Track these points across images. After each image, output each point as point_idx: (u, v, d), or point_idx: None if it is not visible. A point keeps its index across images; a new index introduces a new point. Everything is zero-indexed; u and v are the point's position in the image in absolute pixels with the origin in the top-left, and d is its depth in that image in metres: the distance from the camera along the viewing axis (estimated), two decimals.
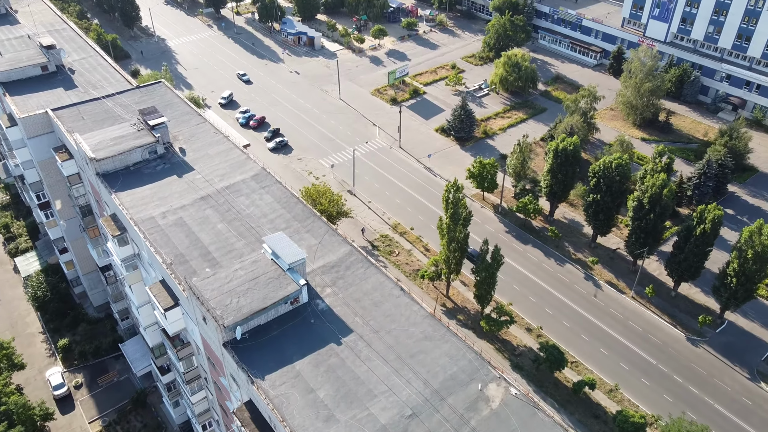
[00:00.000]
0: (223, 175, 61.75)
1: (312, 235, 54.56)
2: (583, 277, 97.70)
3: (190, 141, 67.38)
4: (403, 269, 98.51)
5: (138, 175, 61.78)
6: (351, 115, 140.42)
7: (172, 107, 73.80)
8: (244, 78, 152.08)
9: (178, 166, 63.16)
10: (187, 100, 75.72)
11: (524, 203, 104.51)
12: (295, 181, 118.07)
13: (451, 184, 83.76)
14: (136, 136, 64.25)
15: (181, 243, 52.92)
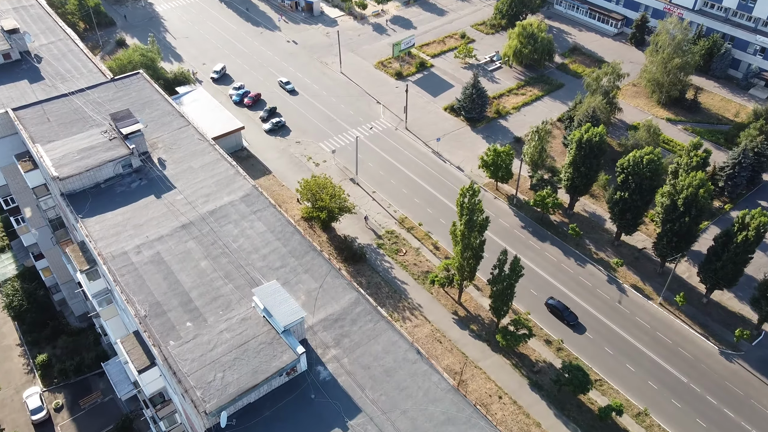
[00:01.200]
0: (208, 195, 53.29)
1: (311, 277, 46.55)
2: (606, 280, 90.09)
3: (171, 150, 58.61)
4: (411, 271, 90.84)
5: (110, 194, 53.35)
6: (353, 92, 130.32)
7: (151, 106, 64.67)
8: (288, 87, 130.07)
9: (157, 183, 54.63)
10: (168, 97, 66.41)
11: (542, 197, 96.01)
12: (293, 168, 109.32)
13: (466, 187, 75.19)
14: (107, 147, 55.48)
15: (159, 287, 44.97)
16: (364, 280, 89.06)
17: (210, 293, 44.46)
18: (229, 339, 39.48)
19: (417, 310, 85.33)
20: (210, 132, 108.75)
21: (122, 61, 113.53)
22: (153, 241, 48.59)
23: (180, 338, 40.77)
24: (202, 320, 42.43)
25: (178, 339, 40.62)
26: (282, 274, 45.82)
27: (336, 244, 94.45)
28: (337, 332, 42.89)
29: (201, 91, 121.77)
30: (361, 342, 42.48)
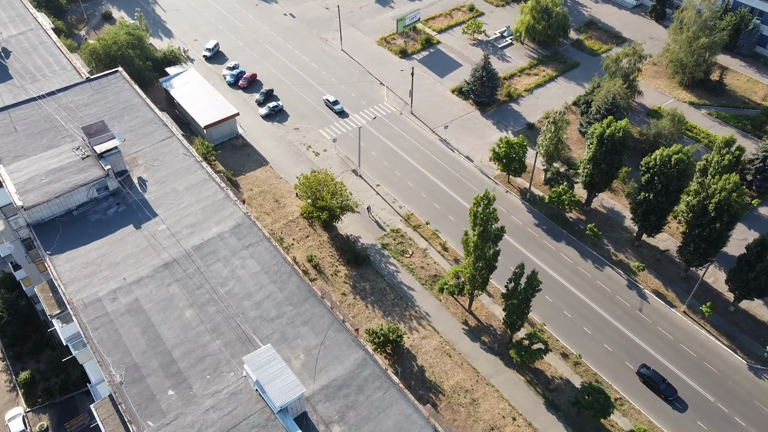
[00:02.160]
0: (194, 225, 47.13)
1: (311, 330, 40.81)
2: (626, 284, 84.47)
3: (153, 167, 52.15)
4: (418, 274, 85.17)
5: (83, 223, 47.22)
6: (354, 71, 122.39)
7: (131, 112, 57.84)
8: (336, 108, 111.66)
9: (136, 209, 48.31)
10: (149, 101, 59.43)
11: (558, 193, 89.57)
12: (292, 158, 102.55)
13: (481, 196, 68.76)
14: (79, 168, 49.08)
15: (137, 344, 39.29)
16: (367, 286, 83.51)
17: (195, 352, 38.83)
18: (216, 420, 34.03)
19: (425, 319, 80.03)
20: (203, 119, 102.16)
21: (107, 42, 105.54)
22: (131, 284, 42.69)
23: (160, 413, 35.26)
24: (187, 387, 36.90)
25: (157, 415, 35.14)
26: (278, 327, 40.08)
27: (338, 245, 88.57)
28: (341, 403, 37.40)
29: (192, 73, 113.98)
30: (369, 416, 37.01)
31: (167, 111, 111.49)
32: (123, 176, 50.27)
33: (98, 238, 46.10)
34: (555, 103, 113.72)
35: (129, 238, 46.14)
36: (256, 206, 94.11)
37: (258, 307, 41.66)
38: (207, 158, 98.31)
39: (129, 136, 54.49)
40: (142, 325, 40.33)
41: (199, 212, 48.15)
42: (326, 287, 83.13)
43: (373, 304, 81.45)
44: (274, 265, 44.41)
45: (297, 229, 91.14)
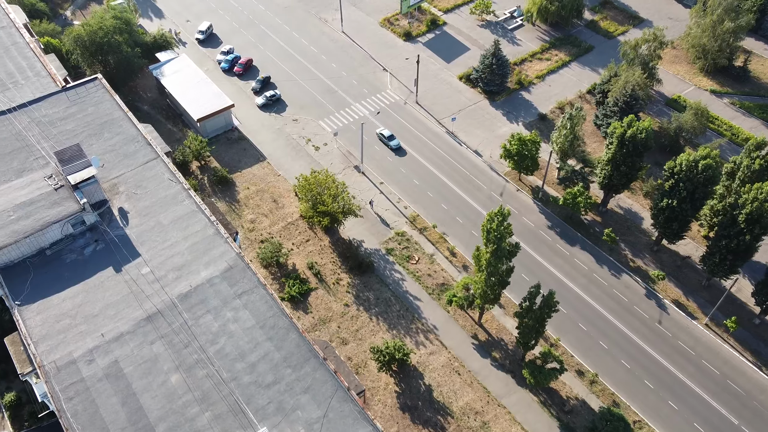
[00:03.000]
0: (181, 267, 42.25)
1: (313, 398, 36.34)
2: (645, 294, 79.95)
3: (135, 195, 47.01)
4: (425, 283, 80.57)
5: (57, 265, 42.37)
6: (356, 56, 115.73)
7: (112, 127, 52.35)
8: (392, 143, 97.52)
9: (116, 248, 43.33)
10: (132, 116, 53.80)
11: (573, 195, 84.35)
12: (290, 153, 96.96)
13: (495, 212, 63.61)
14: (52, 201, 43.93)
15: (116, 419, 34.86)
16: (371, 296, 79.02)
17: (182, 427, 34.33)
18: None
19: (432, 333, 75.76)
20: (196, 112, 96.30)
21: (92, 27, 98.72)
22: (110, 341, 38.05)
23: None
24: None
25: None
26: (275, 395, 35.56)
27: (340, 250, 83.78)
28: None
29: (184, 60, 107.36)
30: None
31: (158, 100, 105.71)
32: (102, 208, 45.09)
33: (74, 283, 41.26)
34: (568, 92, 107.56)
35: (108, 284, 41.29)
36: (253, 207, 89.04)
37: (252, 370, 37.08)
38: (201, 154, 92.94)
39: (109, 157, 49.14)
40: (122, 394, 35.83)
41: (186, 251, 43.19)
42: (328, 297, 78.67)
43: (378, 316, 77.10)
44: (270, 318, 39.67)
45: (297, 233, 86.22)
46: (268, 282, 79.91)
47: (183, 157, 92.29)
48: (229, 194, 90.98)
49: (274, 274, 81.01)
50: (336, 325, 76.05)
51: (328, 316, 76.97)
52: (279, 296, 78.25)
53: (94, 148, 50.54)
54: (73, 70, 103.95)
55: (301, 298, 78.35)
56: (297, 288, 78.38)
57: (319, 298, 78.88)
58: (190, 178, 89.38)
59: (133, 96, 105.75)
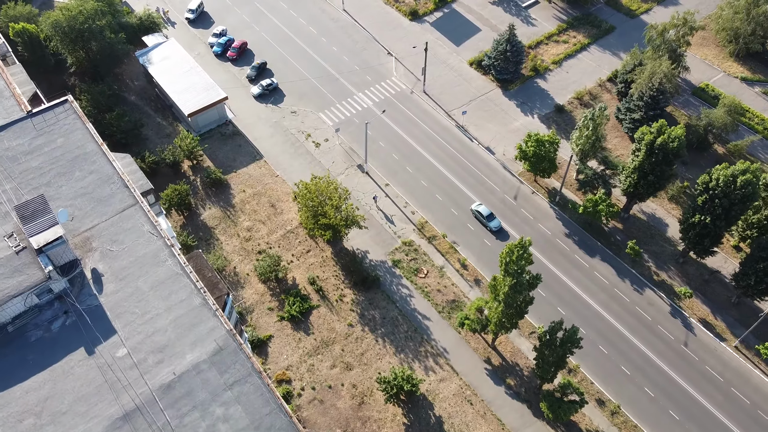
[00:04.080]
0: (163, 348, 36.72)
1: None
2: (669, 311, 74.76)
3: (111, 253, 41.11)
4: (434, 299, 75.30)
5: (20, 345, 36.86)
6: (358, 38, 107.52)
7: (84, 163, 46.04)
8: (493, 225, 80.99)
9: (88, 322, 37.69)
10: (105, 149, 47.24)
11: (594, 202, 78.15)
12: (289, 150, 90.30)
13: (515, 244, 57.61)
14: (12, 269, 38.13)
15: None
16: (377, 314, 73.89)
17: None
18: None
19: (442, 356, 70.92)
20: (186, 106, 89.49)
21: (71, 12, 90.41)
22: None
23: None
24: None
25: None
26: None
27: (343, 263, 78.18)
28: None
29: (173, 45, 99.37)
30: None
31: (146, 89, 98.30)
32: (72, 272, 39.17)
33: (40, 368, 35.76)
34: (587, 79, 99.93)
35: (79, 370, 35.80)
36: (249, 213, 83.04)
37: None
38: (193, 152, 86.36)
39: (81, 203, 42.92)
40: None
41: (169, 327, 37.53)
42: (331, 316, 73.53)
43: (384, 337, 72.12)
44: (267, 416, 34.26)
45: (296, 242, 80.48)
46: (267, 298, 74.81)
47: (174, 157, 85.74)
48: (224, 198, 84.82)
49: (273, 290, 75.74)
50: (339, 348, 71.18)
51: (331, 338, 72.01)
52: (278, 315, 73.30)
53: (63, 191, 44.26)
54: (53, 57, 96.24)
55: (302, 317, 73.24)
56: (298, 306, 73.22)
57: (321, 317, 73.78)
58: (182, 182, 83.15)
59: (119, 84, 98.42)
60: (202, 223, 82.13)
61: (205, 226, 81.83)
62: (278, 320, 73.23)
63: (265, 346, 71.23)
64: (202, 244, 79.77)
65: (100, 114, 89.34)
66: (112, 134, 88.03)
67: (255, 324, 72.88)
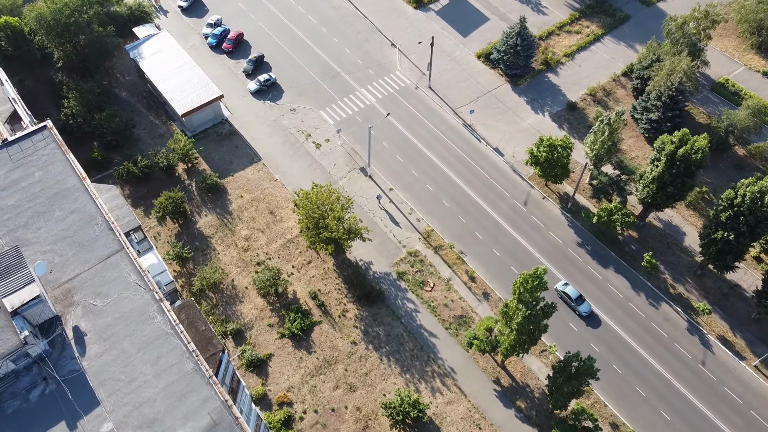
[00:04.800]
0: (152, 423, 33.60)
1: None
2: (686, 327, 71.70)
3: (94, 308, 37.57)
4: (441, 315, 72.18)
5: None
6: (361, 28, 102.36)
7: (65, 201, 42.22)
8: (583, 309, 71.41)
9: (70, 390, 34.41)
10: (88, 184, 43.33)
11: (608, 211, 74.42)
12: (288, 151, 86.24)
13: (530, 273, 54.04)
14: None
15: None
16: (382, 331, 70.84)
17: None
18: None
19: (449, 377, 68.07)
20: (180, 105, 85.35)
21: (56, 5, 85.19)
22: None
23: None
24: None
25: None
26: None
27: (345, 275, 74.86)
28: None
29: (165, 37, 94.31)
30: None
31: (138, 84, 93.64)
32: (52, 333, 35.73)
33: None
34: (601, 74, 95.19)
35: None
36: (247, 220, 79.36)
37: None
38: (188, 155, 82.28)
39: (61, 248, 39.27)
40: None
41: (159, 397, 34.25)
42: (333, 333, 70.50)
43: (389, 356, 69.19)
44: None
45: (297, 252, 77.02)
46: (266, 314, 71.71)
47: (167, 161, 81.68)
48: (221, 204, 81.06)
49: (273, 304, 72.58)
50: (343, 368, 68.30)
51: (334, 357, 69.09)
52: (278, 332, 70.29)
53: (42, 233, 40.55)
54: (39, 51, 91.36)
55: (304, 334, 70.20)
56: (299, 323, 70.14)
57: (323, 333, 70.75)
58: (175, 188, 79.26)
59: (109, 79, 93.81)
60: (198, 231, 78.51)
61: (201, 234, 78.23)
62: (278, 337, 70.22)
63: (265, 366, 68.35)
64: (199, 254, 76.32)
65: (90, 114, 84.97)
66: (103, 135, 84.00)
67: (254, 342, 69.89)
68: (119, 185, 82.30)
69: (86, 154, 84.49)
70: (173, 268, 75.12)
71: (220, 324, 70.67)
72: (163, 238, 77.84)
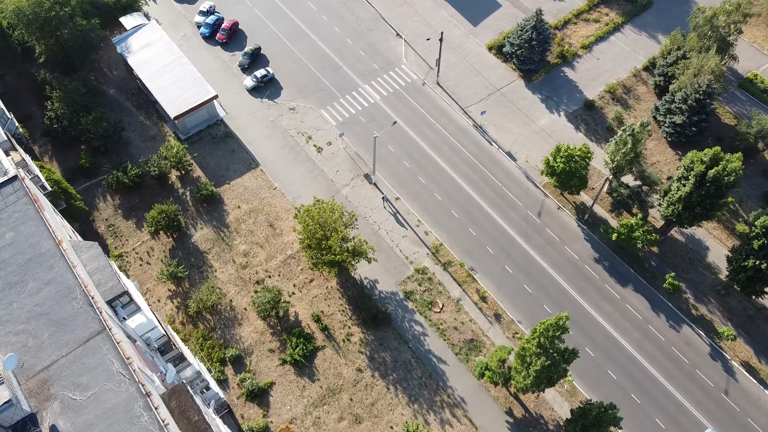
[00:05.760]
0: None
1: None
2: (709, 352, 68.23)
3: (72, 403, 33.67)
4: (450, 338, 68.62)
5: None
6: (364, 15, 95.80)
7: (39, 270, 37.78)
8: None
9: None
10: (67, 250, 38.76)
11: (629, 227, 69.99)
12: (288, 156, 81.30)
13: (551, 322, 50.00)
14: None
15: None
16: (388, 357, 67.41)
17: None
18: None
19: (459, 407, 64.95)
20: (172, 107, 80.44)
21: None
22: None
23: None
24: None
25: None
26: None
27: (349, 295, 71.05)
28: None
29: (154, 29, 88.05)
30: None
31: (127, 80, 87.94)
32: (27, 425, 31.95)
33: None
34: (620, 68, 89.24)
35: None
36: (245, 234, 75.06)
37: None
38: (181, 162, 77.35)
39: (36, 327, 35.09)
40: None
41: None
42: (337, 359, 67.09)
43: (396, 384, 65.93)
44: None
45: (298, 269, 73.00)
46: (267, 337, 68.16)
47: (159, 169, 76.80)
48: (217, 216, 76.58)
49: (274, 327, 68.99)
50: (348, 397, 65.14)
51: (338, 385, 65.84)
52: (280, 358, 66.86)
53: (14, 309, 36.30)
54: (19, 46, 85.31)
55: (306, 361, 66.78)
56: (301, 349, 66.64)
57: (327, 359, 67.34)
58: (168, 201, 74.62)
59: (96, 74, 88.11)
60: (194, 246, 74.29)
61: (197, 249, 74.03)
62: (280, 364, 66.84)
63: (267, 395, 65.19)
64: (194, 271, 72.30)
65: (76, 116, 79.61)
66: (89, 140, 78.91)
67: (255, 368, 66.56)
68: (109, 194, 77.90)
69: (73, 160, 79.98)
70: (167, 287, 71.32)
71: (219, 350, 67.23)
72: (157, 254, 73.69)
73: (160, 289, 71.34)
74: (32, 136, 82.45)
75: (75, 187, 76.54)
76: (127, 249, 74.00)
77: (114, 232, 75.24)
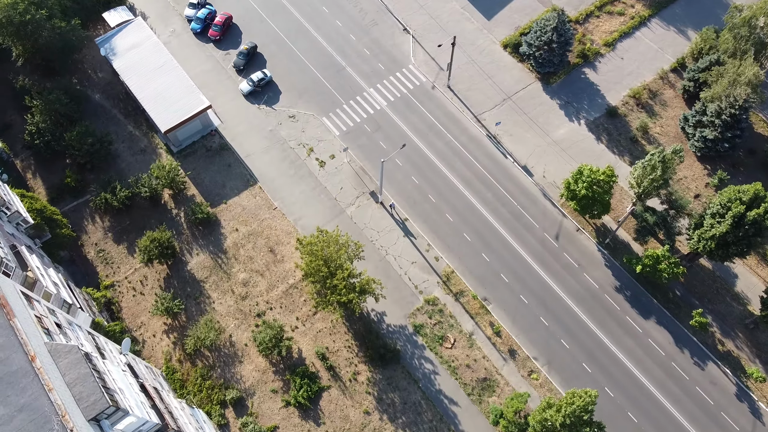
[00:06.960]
0: None
1: None
2: (735, 393, 64.85)
3: None
4: (462, 377, 65.10)
5: None
6: (368, 7, 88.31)
7: (11, 391, 33.64)
8: None
9: None
10: (40, 368, 34.28)
11: (655, 259, 65.35)
12: (288, 171, 75.91)
13: (580, 405, 45.96)
14: None
15: None
16: (397, 398, 64.06)
17: None
18: None
19: None
20: (162, 120, 75.15)
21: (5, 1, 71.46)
22: None
23: None
24: None
25: None
26: None
27: (356, 329, 67.20)
28: None
29: (140, 27, 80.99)
30: None
31: (113, 84, 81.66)
32: None
33: None
34: (646, 69, 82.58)
35: None
36: (244, 260, 70.55)
37: None
38: (174, 180, 72.05)
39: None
40: None
41: None
42: (344, 401, 63.78)
43: (405, 429, 62.84)
44: None
45: (301, 301, 68.86)
46: (269, 376, 64.65)
47: (151, 190, 71.61)
48: (214, 240, 71.88)
49: (276, 365, 65.40)
50: None
51: (345, 429, 62.77)
52: (283, 399, 63.56)
53: None
54: None
55: (311, 404, 63.46)
56: (305, 391, 63.18)
57: (332, 401, 64.02)
58: (161, 227, 69.85)
59: (79, 77, 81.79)
60: (190, 274, 69.91)
61: (193, 278, 69.68)
62: (283, 406, 63.58)
63: None
64: (191, 302, 68.22)
65: (59, 129, 73.90)
66: (74, 157, 73.43)
67: (257, 411, 63.33)
68: (98, 215, 72.99)
69: (58, 176, 74.85)
70: (163, 320, 67.39)
71: (219, 390, 63.85)
72: (150, 283, 69.41)
73: (155, 323, 67.41)
74: (13, 150, 76.84)
75: (61, 208, 71.79)
76: (119, 278, 69.65)
77: (104, 258, 70.70)
